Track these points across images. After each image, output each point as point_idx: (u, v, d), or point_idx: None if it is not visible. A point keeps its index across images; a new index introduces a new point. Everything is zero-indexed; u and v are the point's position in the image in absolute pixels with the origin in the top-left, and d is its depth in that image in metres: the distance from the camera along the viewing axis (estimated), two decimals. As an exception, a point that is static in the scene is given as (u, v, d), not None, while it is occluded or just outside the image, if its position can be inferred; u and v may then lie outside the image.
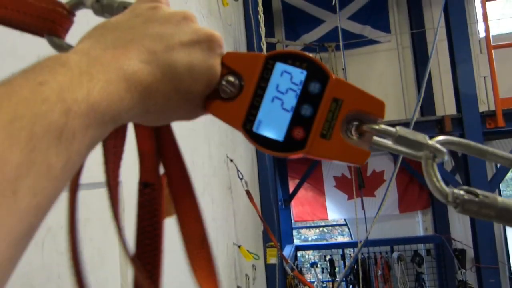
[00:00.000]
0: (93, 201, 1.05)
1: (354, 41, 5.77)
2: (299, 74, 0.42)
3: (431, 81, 5.70)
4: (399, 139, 0.40)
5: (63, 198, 0.38)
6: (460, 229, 5.32)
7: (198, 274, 0.46)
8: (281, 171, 5.74)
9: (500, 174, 4.23)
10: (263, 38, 3.66)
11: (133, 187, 0.48)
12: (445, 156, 0.40)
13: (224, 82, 0.43)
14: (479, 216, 0.38)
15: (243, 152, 3.85)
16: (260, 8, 3.62)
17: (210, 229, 1.99)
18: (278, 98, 0.42)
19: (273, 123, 0.41)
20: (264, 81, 0.42)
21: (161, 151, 0.48)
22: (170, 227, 0.49)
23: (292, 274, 3.25)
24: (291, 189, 5.93)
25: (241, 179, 3.14)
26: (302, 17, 6.06)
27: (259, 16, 3.64)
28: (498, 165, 4.96)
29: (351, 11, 5.98)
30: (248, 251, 3.15)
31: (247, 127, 0.41)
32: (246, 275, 3.44)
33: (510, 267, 5.18)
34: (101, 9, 0.47)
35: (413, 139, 0.40)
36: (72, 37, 0.45)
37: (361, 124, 0.41)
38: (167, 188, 0.48)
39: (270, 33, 5.55)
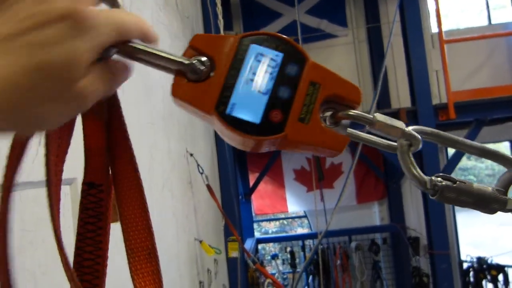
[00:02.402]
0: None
1: (312, 35, 5.83)
2: (275, 57, 0.40)
3: (386, 75, 5.86)
4: (377, 125, 0.39)
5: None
6: (414, 218, 5.53)
7: (140, 286, 0.41)
8: (241, 165, 5.73)
9: (451, 165, 4.43)
10: (222, 31, 3.62)
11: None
12: (420, 144, 0.40)
13: (194, 61, 0.39)
14: (457, 203, 0.38)
15: (203, 146, 3.80)
16: (218, 0, 3.57)
17: (171, 225, 1.93)
18: (253, 80, 0.39)
19: (248, 106, 0.38)
20: (238, 62, 0.39)
21: (111, 149, 0.43)
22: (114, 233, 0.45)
23: (254, 267, 3.25)
24: (251, 183, 5.94)
25: (201, 173, 3.10)
26: (260, 10, 6.04)
27: (217, 9, 3.59)
28: (449, 156, 5.19)
29: (308, 5, 6.03)
30: (209, 246, 3.12)
31: (220, 109, 0.38)
32: (208, 269, 3.41)
33: (459, 252, 5.45)
34: None
35: (391, 124, 0.39)
36: None
37: (336, 112, 0.40)
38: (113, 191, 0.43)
39: (228, 25, 5.49)
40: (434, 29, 5.68)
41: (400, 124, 0.40)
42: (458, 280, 5.19)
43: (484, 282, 4.82)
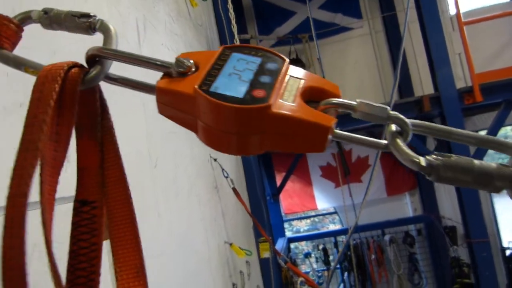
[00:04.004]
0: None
1: (327, 30, 5.79)
2: (254, 60, 0.43)
3: (406, 63, 5.75)
4: (360, 110, 0.39)
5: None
6: (449, 206, 5.39)
7: None
8: (267, 166, 5.73)
9: (481, 150, 4.29)
10: (236, 36, 3.64)
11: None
12: (407, 126, 0.39)
13: (180, 59, 0.41)
14: (455, 182, 0.36)
15: (227, 150, 3.82)
16: (230, 6, 3.59)
17: (199, 229, 1.95)
18: (235, 74, 0.41)
19: (231, 87, 0.39)
20: (220, 62, 0.42)
21: (103, 168, 0.44)
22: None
23: (285, 266, 3.25)
24: (278, 183, 5.94)
25: (226, 177, 3.12)
26: (273, 10, 6.04)
27: (229, 14, 3.62)
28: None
29: (321, 1, 5.99)
30: (239, 247, 3.14)
31: (203, 88, 0.39)
32: (241, 271, 3.43)
33: (501, 239, 5.27)
34: (49, 21, 0.46)
35: (375, 106, 0.39)
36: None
37: (319, 104, 0.40)
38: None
39: (242, 29, 5.52)
40: (453, 11, 5.53)
41: (383, 107, 0.40)
42: (502, 268, 5.02)
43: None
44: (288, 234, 6.79)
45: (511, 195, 0.37)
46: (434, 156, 0.37)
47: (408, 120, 0.39)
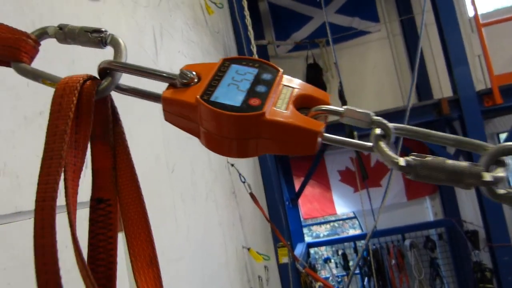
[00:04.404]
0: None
1: (344, 34, 5.79)
2: (251, 71, 0.47)
3: (425, 66, 5.70)
4: (346, 115, 0.42)
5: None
6: (470, 210, 5.30)
7: None
8: (285, 171, 5.75)
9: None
10: (252, 41, 3.69)
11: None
12: (390, 130, 0.42)
13: (183, 70, 0.45)
14: (431, 179, 0.39)
15: (244, 155, 3.86)
16: (247, 12, 3.64)
17: (217, 234, 1.98)
18: (233, 84, 0.44)
19: (230, 97, 0.43)
20: (220, 73, 0.46)
21: (116, 169, 0.49)
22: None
23: (303, 271, 3.25)
24: (297, 188, 5.94)
25: (243, 182, 3.15)
26: (290, 15, 6.08)
27: (246, 20, 3.67)
28: (501, 141, 4.94)
29: (338, 5, 5.99)
30: (257, 252, 3.16)
31: (204, 97, 0.43)
32: (259, 276, 3.45)
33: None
34: (64, 36, 0.50)
35: (360, 112, 0.42)
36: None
37: (310, 110, 0.44)
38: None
39: (259, 35, 5.57)
40: (472, 13, 5.47)
41: (367, 113, 0.43)
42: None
43: (553, 272, 4.52)
44: (308, 239, 6.77)
45: (484, 192, 0.39)
46: (412, 157, 0.40)
47: (390, 124, 0.43)
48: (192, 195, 2.21)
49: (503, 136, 4.99)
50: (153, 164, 1.71)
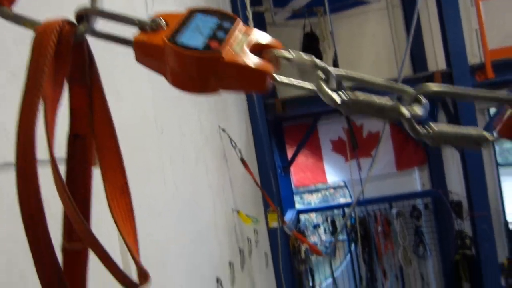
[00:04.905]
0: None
1: (343, 3, 5.74)
2: (214, 20, 0.53)
3: (422, 38, 5.69)
4: (295, 60, 0.51)
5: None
6: (456, 182, 5.43)
7: (117, 216, 0.51)
8: (278, 139, 5.83)
9: (491, 123, 4.30)
10: (248, 7, 3.68)
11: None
12: (331, 74, 0.50)
13: (153, 18, 0.52)
14: (362, 112, 0.48)
15: (236, 122, 3.93)
16: (244, -24, 3.62)
17: (207, 196, 2.07)
18: (197, 30, 0.51)
19: (193, 40, 0.50)
20: (186, 21, 0.52)
21: (91, 109, 0.55)
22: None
23: (290, 233, 3.39)
24: (289, 156, 6.04)
25: (234, 147, 3.23)
26: (288, -18, 5.99)
27: (243, -16, 3.65)
28: (491, 114, 5.03)
29: (337, -27, 5.90)
30: (247, 215, 3.28)
31: (170, 40, 0.50)
32: (248, 238, 3.58)
33: (505, 213, 5.32)
34: None
35: (305, 58, 0.51)
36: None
37: (262, 53, 0.52)
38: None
39: (257, 1, 5.52)
40: (471, -15, 5.41)
41: (312, 58, 0.51)
42: (504, 241, 5.10)
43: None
44: (299, 207, 6.95)
45: (407, 127, 0.48)
46: (346, 96, 0.48)
47: (331, 69, 0.50)
48: (181, 156, 2.29)
49: (493, 110, 5.06)
50: (142, 124, 1.77)
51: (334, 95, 0.49)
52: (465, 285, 4.97)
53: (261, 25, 5.51)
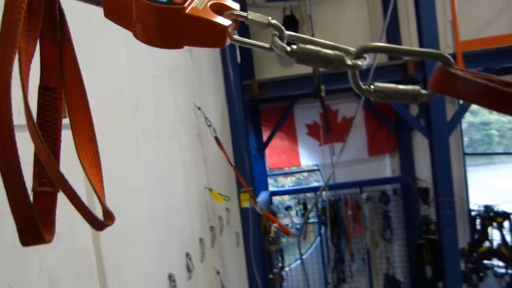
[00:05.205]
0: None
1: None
2: None
3: (399, 27, 5.79)
4: (249, 18, 0.55)
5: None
6: (425, 169, 5.61)
7: (85, 164, 0.55)
8: (254, 121, 5.87)
9: (457, 116, 4.47)
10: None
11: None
12: (283, 32, 0.55)
13: None
14: (310, 63, 0.53)
15: (213, 101, 3.94)
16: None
17: (180, 173, 2.10)
18: None
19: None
20: None
21: (61, 62, 0.57)
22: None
23: (261, 213, 3.46)
24: (265, 138, 6.10)
25: (209, 126, 3.25)
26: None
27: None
28: (459, 106, 5.19)
29: (319, -43, 5.90)
30: (219, 193, 3.32)
31: None
32: (220, 217, 3.63)
33: (469, 201, 5.56)
34: None
35: (261, 16, 0.55)
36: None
37: (222, 13, 0.55)
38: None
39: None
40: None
41: (267, 16, 0.56)
42: (467, 227, 5.33)
43: (490, 229, 4.95)
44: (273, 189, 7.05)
45: (349, 80, 0.54)
46: (296, 46, 0.53)
47: (283, 28, 0.55)
48: (156, 132, 2.30)
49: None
50: (116, 97, 1.78)
51: (285, 46, 0.54)
52: (427, 268, 5.20)
53: (241, 5, 5.46)
